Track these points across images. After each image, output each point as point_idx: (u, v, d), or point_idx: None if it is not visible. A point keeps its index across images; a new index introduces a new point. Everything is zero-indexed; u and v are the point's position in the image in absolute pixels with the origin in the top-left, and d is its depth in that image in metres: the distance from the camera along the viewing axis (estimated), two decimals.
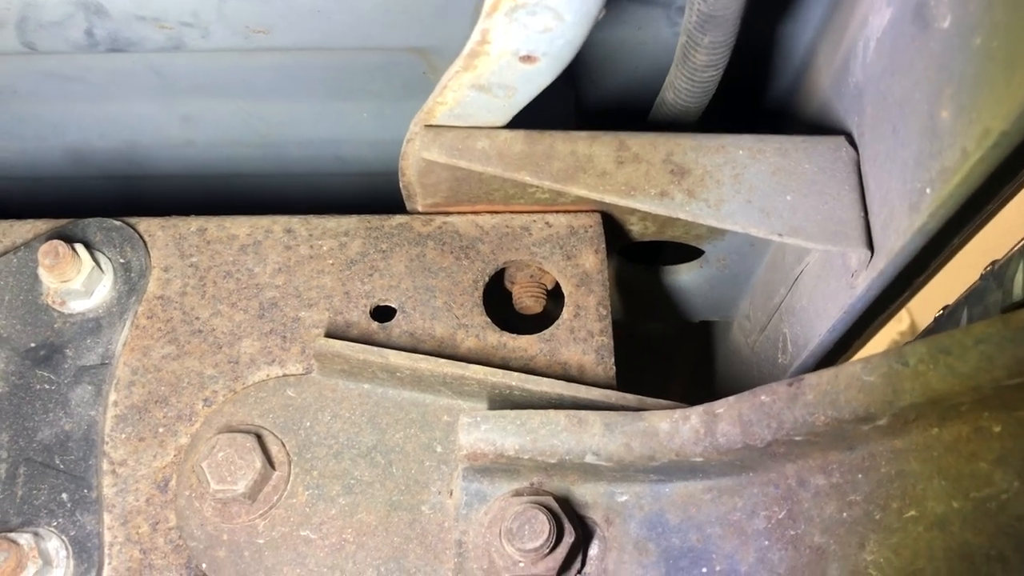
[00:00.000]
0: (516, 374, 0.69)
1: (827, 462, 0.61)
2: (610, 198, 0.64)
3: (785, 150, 0.65)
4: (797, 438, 0.59)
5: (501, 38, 0.50)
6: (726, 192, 0.63)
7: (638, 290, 0.98)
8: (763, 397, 0.59)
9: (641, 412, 0.65)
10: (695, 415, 0.62)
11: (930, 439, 0.55)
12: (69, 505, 0.68)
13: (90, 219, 0.78)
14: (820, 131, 0.75)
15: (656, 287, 0.98)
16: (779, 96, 0.91)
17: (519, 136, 0.66)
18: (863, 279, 0.63)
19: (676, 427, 0.63)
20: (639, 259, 0.98)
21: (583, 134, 0.66)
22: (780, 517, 0.63)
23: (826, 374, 0.56)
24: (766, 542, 0.63)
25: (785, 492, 0.63)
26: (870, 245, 0.62)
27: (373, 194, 1.08)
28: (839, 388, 0.55)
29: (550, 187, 0.64)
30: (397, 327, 0.75)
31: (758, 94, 0.93)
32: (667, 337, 1.33)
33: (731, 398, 0.61)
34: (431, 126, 0.66)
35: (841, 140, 0.67)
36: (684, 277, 0.95)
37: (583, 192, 0.64)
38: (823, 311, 0.71)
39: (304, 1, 0.79)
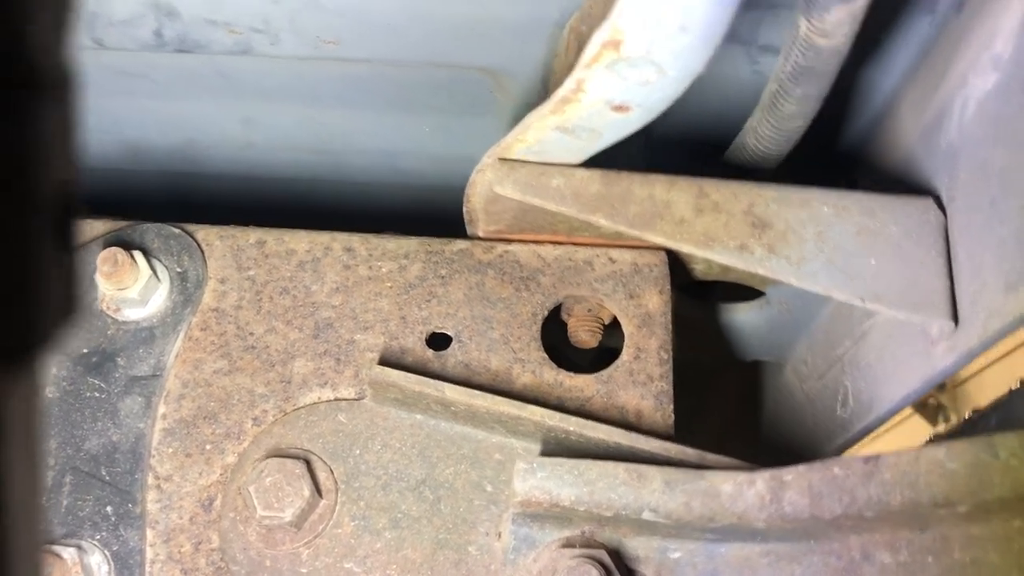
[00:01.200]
0: (574, 419, 0.67)
1: (895, 539, 0.59)
2: (687, 248, 0.62)
3: (871, 210, 0.63)
4: (868, 514, 0.57)
5: (597, 88, 0.48)
6: (808, 250, 0.61)
7: (690, 324, 0.95)
8: (836, 470, 0.57)
9: (702, 471, 0.63)
10: (761, 480, 0.60)
11: (1011, 531, 0.53)
12: (113, 519, 0.68)
13: (149, 224, 0.77)
14: (901, 185, 0.73)
15: (710, 322, 0.96)
16: (854, 142, 0.88)
17: (595, 176, 0.64)
18: (945, 350, 0.60)
19: (740, 490, 0.61)
20: (693, 291, 0.96)
21: (661, 178, 0.64)
22: None
23: (905, 455, 0.54)
24: None
25: (848, 564, 0.61)
26: (955, 317, 0.60)
27: (428, 206, 1.06)
28: (919, 471, 0.53)
29: (625, 232, 0.62)
30: (452, 357, 0.74)
31: (831, 137, 0.90)
32: (706, 368, 1.30)
33: (800, 467, 0.59)
34: (505, 160, 0.64)
35: (929, 202, 0.64)
36: (741, 316, 0.92)
37: (659, 240, 0.62)
38: (894, 374, 0.69)
39: (378, 15, 0.78)
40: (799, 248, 0.61)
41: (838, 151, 0.90)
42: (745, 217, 0.62)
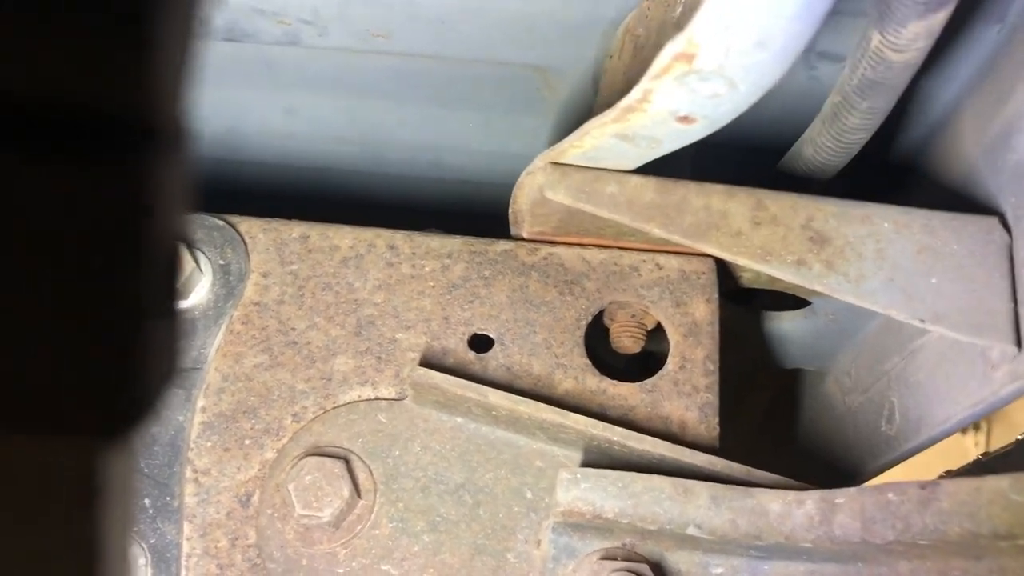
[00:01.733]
0: (619, 429, 0.66)
1: (948, 567, 0.57)
2: (743, 261, 0.61)
3: (933, 228, 0.61)
4: (922, 542, 0.55)
5: (664, 99, 0.46)
6: (868, 268, 0.59)
7: (731, 330, 0.94)
8: (890, 495, 0.56)
9: (750, 488, 0.62)
10: (811, 501, 0.59)
11: None
12: (151, 511, 0.67)
13: (192, 215, 0.76)
14: (960, 201, 0.71)
15: (752, 330, 0.94)
16: (908, 153, 0.86)
17: (650, 184, 0.62)
18: (1006, 375, 0.59)
19: (788, 510, 0.60)
20: (734, 297, 0.95)
21: (718, 188, 0.63)
22: None
23: (965, 484, 0.52)
24: None
25: None
26: (1018, 342, 0.58)
27: (469, 202, 1.05)
28: (980, 502, 0.51)
29: (680, 242, 0.61)
30: (494, 359, 0.73)
31: (884, 147, 0.88)
32: (740, 373, 1.29)
33: (852, 489, 0.58)
34: (557, 164, 0.63)
35: (994, 222, 0.62)
36: (786, 325, 0.91)
37: (715, 252, 0.61)
38: (948, 395, 0.67)
39: (430, 10, 0.77)
40: (858, 265, 0.60)
41: (891, 162, 0.88)
42: (803, 231, 0.60)
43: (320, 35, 0.81)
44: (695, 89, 0.45)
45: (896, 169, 0.86)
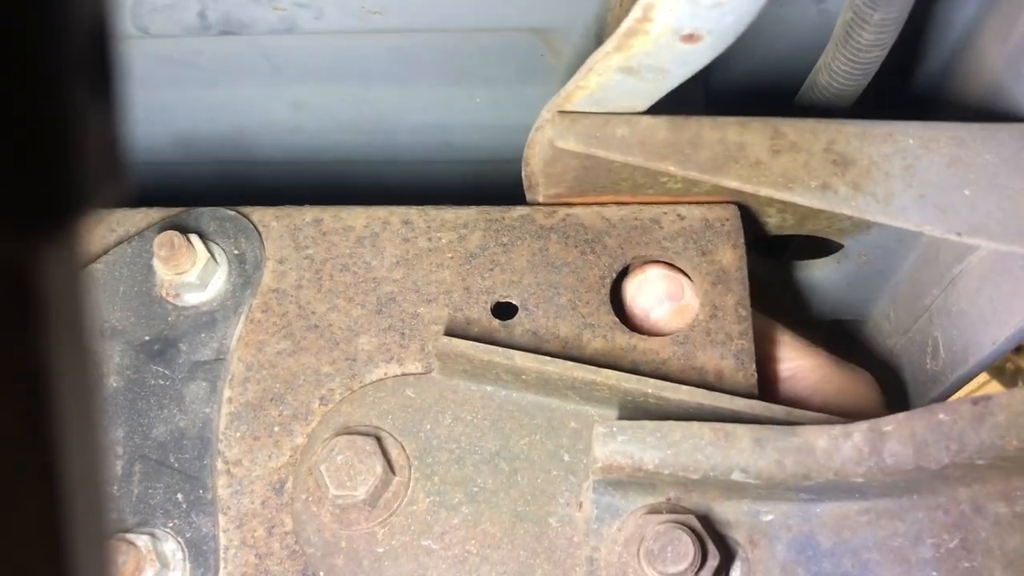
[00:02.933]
0: (652, 380, 0.64)
1: (1011, 488, 0.55)
2: (765, 191, 0.58)
3: (961, 139, 0.59)
4: (979, 462, 0.53)
5: (665, 15, 0.45)
6: (896, 186, 0.57)
7: (763, 285, 0.91)
8: (941, 415, 0.53)
9: (794, 426, 0.59)
10: (858, 432, 0.57)
11: None
12: (184, 506, 0.66)
13: (203, 208, 0.75)
14: (987, 116, 0.68)
15: (784, 282, 0.92)
16: (929, 77, 0.83)
17: (662, 122, 0.60)
18: None
19: (836, 444, 0.57)
20: (763, 249, 0.92)
21: (732, 120, 0.61)
22: (951, 546, 0.57)
23: (1019, 394, 0.50)
24: (934, 573, 0.57)
25: (957, 519, 0.57)
26: None
27: (481, 180, 1.04)
28: None
29: (697, 178, 0.59)
30: (520, 325, 0.71)
31: (902, 74, 0.85)
32: None
33: (900, 415, 0.56)
34: (565, 112, 0.61)
35: None
36: (818, 273, 0.88)
37: (735, 184, 0.59)
38: (993, 317, 0.64)
39: None
40: (886, 184, 0.57)
41: (912, 92, 0.85)
42: (825, 155, 0.58)
43: (316, 18, 0.80)
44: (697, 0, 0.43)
45: (917, 100, 0.84)
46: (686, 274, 0.71)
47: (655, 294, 0.70)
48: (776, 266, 0.92)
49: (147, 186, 1.05)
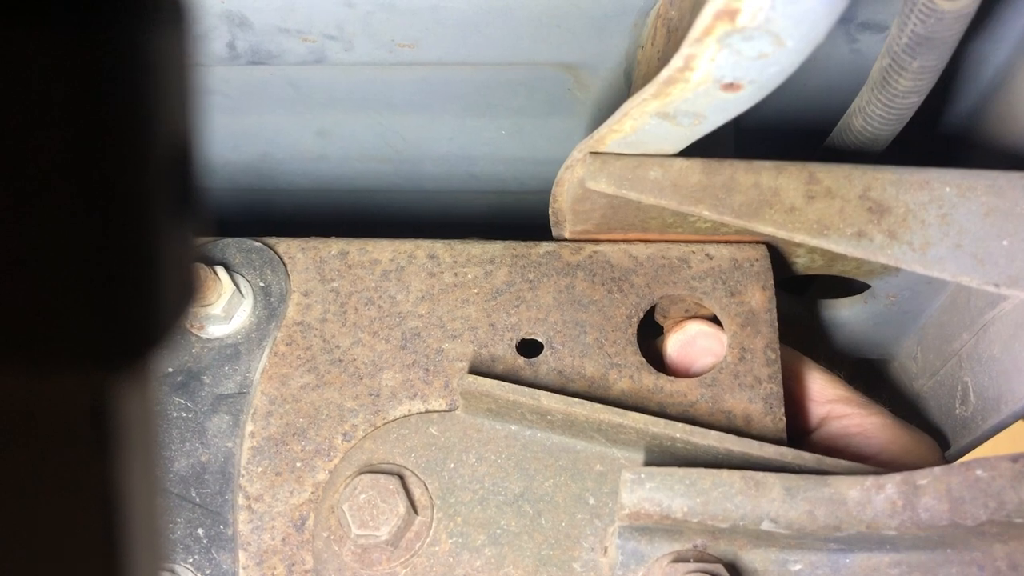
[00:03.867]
0: (681, 425, 0.63)
1: None
2: (800, 237, 0.58)
3: (999, 188, 0.58)
4: (1017, 520, 0.52)
5: (706, 65, 0.44)
6: (933, 235, 0.56)
7: (790, 322, 0.90)
8: (979, 472, 0.52)
9: (825, 476, 0.58)
10: (891, 484, 0.56)
11: None
12: (205, 541, 0.66)
13: (229, 239, 0.75)
14: (1019, 164, 0.68)
15: (811, 320, 0.91)
16: (960, 120, 0.82)
17: (695, 165, 0.60)
18: None
19: (868, 496, 0.56)
20: (789, 286, 0.91)
21: (767, 164, 0.60)
22: None
23: None
24: None
25: (992, 575, 0.56)
26: None
27: (506, 211, 1.04)
28: None
29: (732, 223, 0.59)
30: (545, 364, 0.70)
31: (932, 116, 0.85)
32: None
33: (936, 469, 0.55)
34: (597, 153, 0.61)
35: None
36: (845, 312, 0.87)
37: (769, 230, 0.58)
38: None
39: (455, 14, 0.75)
40: (922, 233, 0.56)
41: (942, 134, 0.84)
42: (861, 202, 0.58)
43: (346, 50, 0.80)
44: (740, 50, 0.43)
45: (948, 140, 0.83)
46: (717, 320, 0.71)
47: (698, 352, 0.71)
48: (802, 302, 0.91)
49: None
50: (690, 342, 0.71)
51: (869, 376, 1.05)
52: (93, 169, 0.16)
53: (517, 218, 1.03)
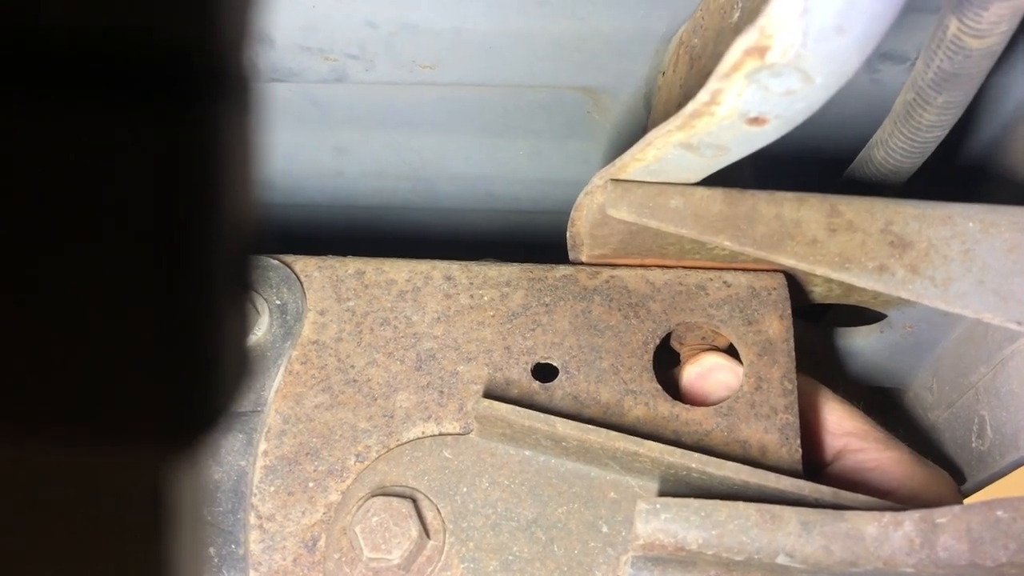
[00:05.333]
0: (697, 455, 0.63)
1: None
2: (822, 270, 0.58)
3: (1023, 224, 0.57)
4: None
5: (733, 100, 0.44)
6: (955, 270, 0.56)
7: (805, 349, 0.90)
8: (1000, 512, 0.52)
9: (842, 511, 0.58)
10: (909, 522, 0.55)
11: None
12: (216, 560, 0.65)
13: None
14: None
15: (826, 348, 0.90)
16: (978, 153, 0.82)
17: (717, 195, 0.60)
18: None
19: (886, 533, 0.56)
20: (802, 314, 0.91)
21: (789, 195, 0.60)
22: None
23: None
24: None
25: None
26: None
27: (522, 231, 1.04)
28: None
29: (754, 255, 0.58)
30: (560, 388, 0.70)
31: (952, 148, 0.84)
32: None
33: (955, 507, 0.54)
34: (618, 181, 0.61)
35: None
36: (860, 341, 0.87)
37: (791, 263, 0.58)
38: None
39: (476, 36, 0.76)
40: (944, 268, 0.56)
41: (962, 165, 0.84)
42: (883, 236, 0.57)
43: (367, 70, 0.80)
44: (768, 86, 0.42)
45: (968, 172, 0.83)
46: (734, 348, 0.70)
47: (714, 385, 0.70)
48: (816, 330, 0.90)
49: None
50: (705, 375, 0.70)
51: (884, 405, 1.04)
52: (168, 244, 0.16)
53: (532, 238, 1.03)
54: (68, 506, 0.16)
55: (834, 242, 0.57)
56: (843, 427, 0.71)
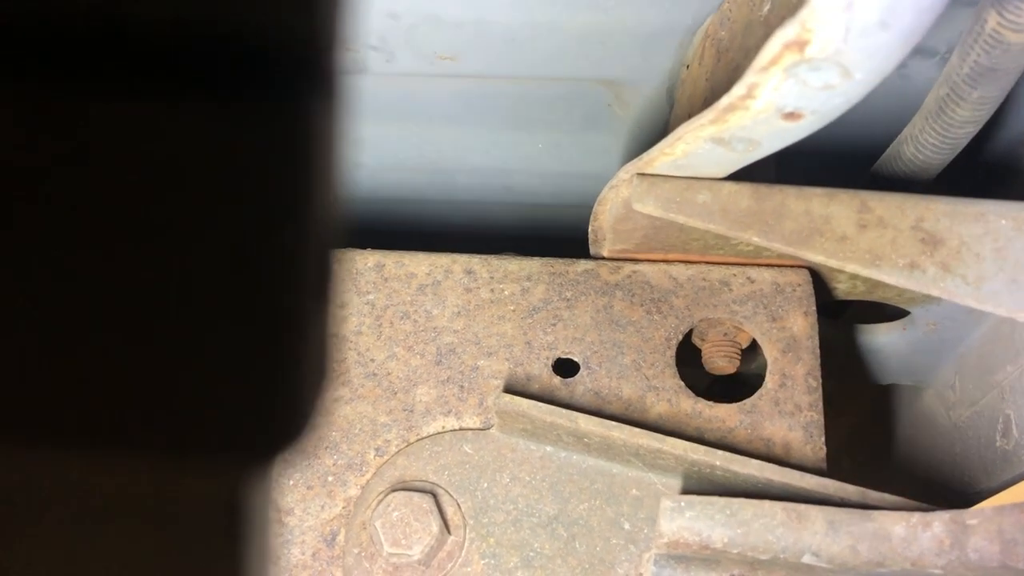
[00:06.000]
0: (721, 453, 0.62)
1: None
2: (852, 267, 0.57)
3: None
4: None
5: (770, 94, 0.43)
6: (987, 269, 0.55)
7: (825, 346, 0.89)
8: None
9: (869, 511, 0.57)
10: (939, 522, 0.55)
11: None
12: None
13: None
14: None
15: (847, 345, 0.89)
16: (1004, 148, 0.81)
17: (744, 190, 0.59)
18: None
19: (914, 534, 0.55)
20: (823, 310, 0.90)
21: (818, 191, 0.59)
22: None
23: None
24: None
25: None
26: None
27: (539, 225, 1.03)
28: None
29: (782, 251, 0.58)
30: (581, 384, 0.69)
31: (977, 144, 0.83)
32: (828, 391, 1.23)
33: (986, 508, 0.53)
34: (644, 175, 0.60)
35: None
36: (882, 338, 0.86)
37: (820, 259, 0.57)
38: None
39: (499, 28, 0.75)
40: (976, 267, 0.55)
41: (984, 160, 0.83)
42: (914, 233, 0.57)
43: (387, 61, 0.79)
44: (806, 80, 0.42)
45: (998, 168, 0.82)
46: (758, 347, 0.70)
47: None
48: (837, 326, 0.90)
49: None
50: None
51: (900, 405, 1.03)
52: (260, 246, 0.15)
53: (550, 231, 1.02)
54: (148, 513, 0.16)
55: (864, 238, 0.57)
56: None
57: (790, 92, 0.43)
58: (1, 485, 0.14)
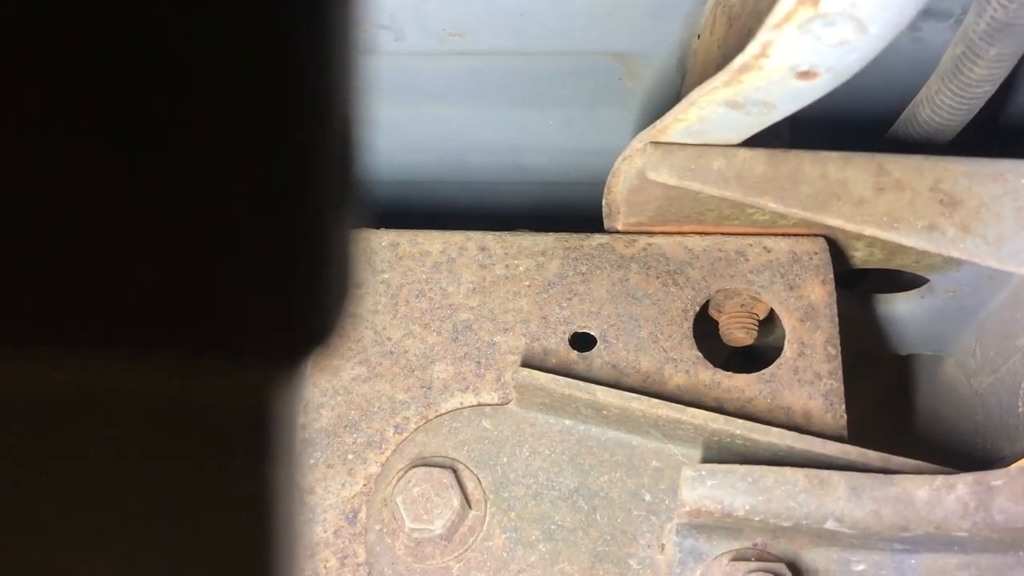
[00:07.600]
0: (741, 421, 0.62)
1: None
2: (870, 231, 0.56)
3: None
4: None
5: (784, 51, 0.43)
6: (1008, 228, 0.54)
7: (842, 317, 0.89)
8: None
9: (891, 475, 0.57)
10: (963, 484, 0.54)
11: None
12: None
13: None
14: None
15: (865, 315, 0.89)
16: (1021, 109, 0.80)
17: (760, 156, 0.58)
18: None
19: (938, 496, 0.55)
20: (840, 280, 0.89)
21: (834, 155, 0.58)
22: None
23: None
24: None
25: None
26: None
27: (551, 203, 1.02)
28: None
29: (798, 215, 0.57)
30: (599, 358, 0.69)
31: (993, 108, 0.82)
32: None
33: (1011, 469, 0.53)
34: (658, 143, 0.60)
35: None
36: (901, 307, 0.85)
37: (838, 223, 0.57)
38: None
39: (509, 2, 0.74)
40: (997, 227, 0.55)
41: (1002, 123, 0.82)
42: (932, 194, 0.56)
43: (397, 39, 0.79)
44: (820, 36, 0.41)
45: (1013, 129, 0.81)
46: (775, 316, 0.69)
47: None
48: (854, 297, 0.89)
49: None
50: None
51: (921, 374, 1.02)
52: (277, 161, 0.15)
53: (563, 209, 1.02)
54: (173, 415, 0.16)
55: (882, 201, 0.56)
56: None
57: (805, 49, 0.42)
58: (28, 391, 0.14)
